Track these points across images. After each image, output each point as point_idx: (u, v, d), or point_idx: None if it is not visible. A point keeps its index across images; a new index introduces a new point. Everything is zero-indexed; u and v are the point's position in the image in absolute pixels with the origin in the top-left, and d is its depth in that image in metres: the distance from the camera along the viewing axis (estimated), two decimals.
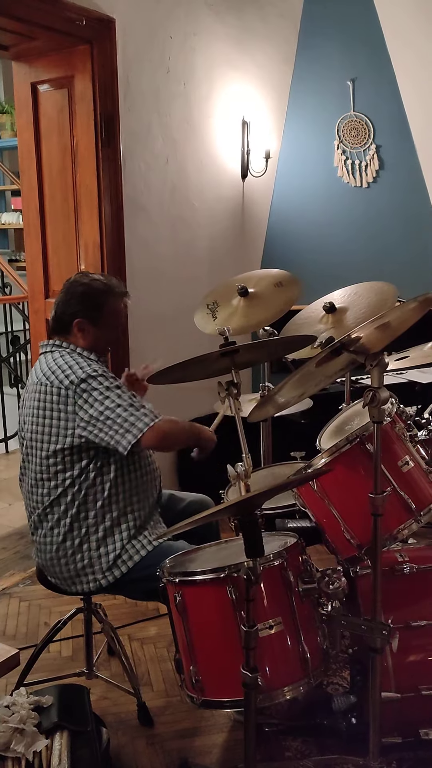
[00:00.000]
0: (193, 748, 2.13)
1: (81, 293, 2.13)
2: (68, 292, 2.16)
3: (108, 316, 2.15)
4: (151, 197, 3.56)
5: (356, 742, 1.93)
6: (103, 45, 3.15)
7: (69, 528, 2.09)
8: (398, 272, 4.05)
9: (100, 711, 2.16)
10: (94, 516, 2.08)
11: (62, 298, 2.16)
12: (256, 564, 1.50)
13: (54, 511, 2.10)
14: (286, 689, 1.66)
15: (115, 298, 2.17)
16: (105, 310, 2.14)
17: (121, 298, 2.19)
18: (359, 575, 1.98)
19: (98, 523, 2.09)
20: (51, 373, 2.05)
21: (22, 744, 1.70)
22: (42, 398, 2.05)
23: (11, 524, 3.78)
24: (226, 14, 3.91)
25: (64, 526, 2.09)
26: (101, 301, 2.14)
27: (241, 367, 1.96)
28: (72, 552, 2.09)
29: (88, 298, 2.13)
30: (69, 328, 2.14)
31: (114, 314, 2.17)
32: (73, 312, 2.12)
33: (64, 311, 2.14)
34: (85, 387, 1.99)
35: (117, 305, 2.18)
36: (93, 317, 2.13)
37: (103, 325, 2.15)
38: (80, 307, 2.12)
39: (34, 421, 2.08)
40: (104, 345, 2.20)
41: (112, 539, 2.08)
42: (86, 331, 2.13)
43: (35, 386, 2.08)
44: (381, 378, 1.68)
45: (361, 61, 4.33)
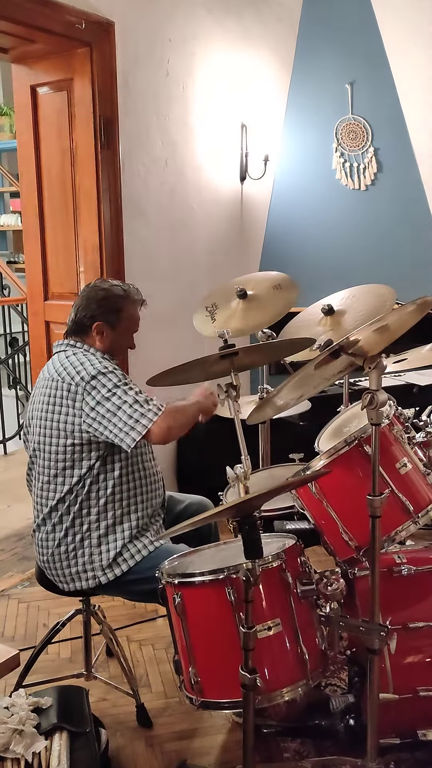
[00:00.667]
0: (192, 749, 2.13)
1: (102, 297, 2.19)
2: (89, 296, 2.21)
3: (125, 321, 2.21)
4: (150, 200, 3.57)
5: (354, 743, 1.94)
6: (102, 48, 3.16)
7: (71, 524, 2.11)
8: (396, 275, 4.07)
9: (99, 712, 2.16)
10: (97, 513, 2.10)
11: (82, 301, 2.21)
12: (254, 565, 1.51)
13: (59, 508, 2.12)
14: (285, 690, 1.67)
15: (134, 305, 2.23)
16: (123, 315, 2.20)
17: (138, 305, 2.25)
18: (357, 577, 1.98)
19: (100, 520, 2.10)
20: (63, 369, 2.10)
21: (21, 745, 1.71)
22: (52, 393, 2.09)
23: (10, 526, 3.78)
24: (225, 18, 3.93)
25: (67, 522, 2.11)
26: (120, 306, 2.20)
27: (241, 370, 1.97)
28: (73, 548, 2.10)
29: (108, 302, 2.18)
30: (88, 330, 2.19)
31: (131, 320, 2.23)
32: (92, 315, 2.18)
33: (85, 314, 2.19)
34: (95, 384, 2.03)
35: (134, 311, 2.24)
36: (111, 321, 2.19)
37: (120, 330, 2.21)
38: (100, 311, 2.18)
39: (43, 416, 2.11)
40: (119, 349, 2.27)
41: (114, 537, 2.10)
42: (104, 335, 2.18)
43: (46, 382, 2.12)
44: (379, 380, 1.69)
45: (360, 65, 4.35)
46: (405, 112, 4.35)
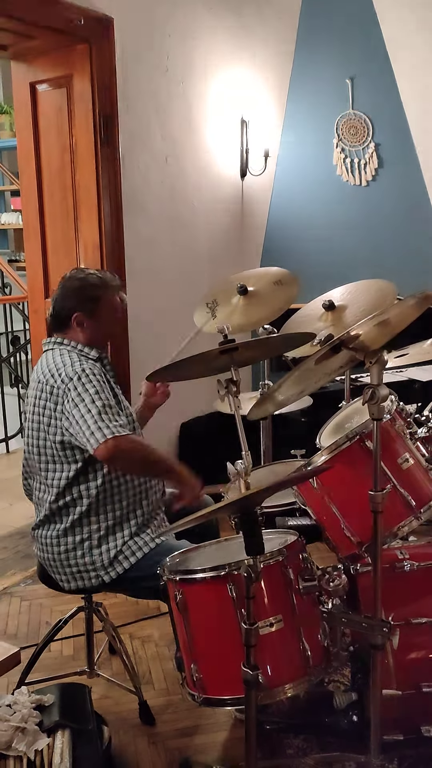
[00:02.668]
0: (195, 746, 2.13)
1: (77, 288, 2.17)
2: (64, 288, 2.19)
3: (104, 309, 2.18)
4: (151, 196, 3.56)
5: (357, 739, 1.93)
6: (101, 44, 3.15)
7: (71, 525, 2.10)
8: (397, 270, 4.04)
9: (101, 710, 2.16)
10: (96, 514, 2.09)
11: (59, 294, 2.19)
12: (256, 562, 1.50)
13: (57, 508, 2.11)
14: (287, 687, 1.66)
15: (111, 291, 2.20)
16: (101, 303, 2.18)
17: (116, 292, 2.22)
18: (359, 573, 1.97)
19: (100, 522, 2.10)
20: (48, 371, 2.09)
21: (24, 743, 1.70)
22: (42, 396, 2.09)
23: (12, 524, 3.78)
24: (224, 13, 3.91)
25: (67, 523, 2.10)
26: (97, 294, 2.17)
27: (241, 365, 1.95)
28: (73, 548, 2.10)
29: (84, 291, 2.16)
30: (68, 323, 2.17)
31: (110, 307, 2.20)
32: (71, 307, 2.16)
33: (63, 306, 2.17)
34: (71, 386, 2.02)
35: (113, 298, 2.21)
36: (90, 310, 2.16)
37: (100, 318, 2.18)
38: (77, 302, 2.16)
39: (34, 419, 2.11)
40: (103, 339, 2.24)
41: (114, 537, 2.09)
42: (85, 325, 2.16)
43: (36, 384, 2.13)
44: (380, 375, 1.69)
45: (360, 60, 4.33)
46: (406, 107, 4.34)
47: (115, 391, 2.16)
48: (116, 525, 2.10)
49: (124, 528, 2.11)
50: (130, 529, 2.11)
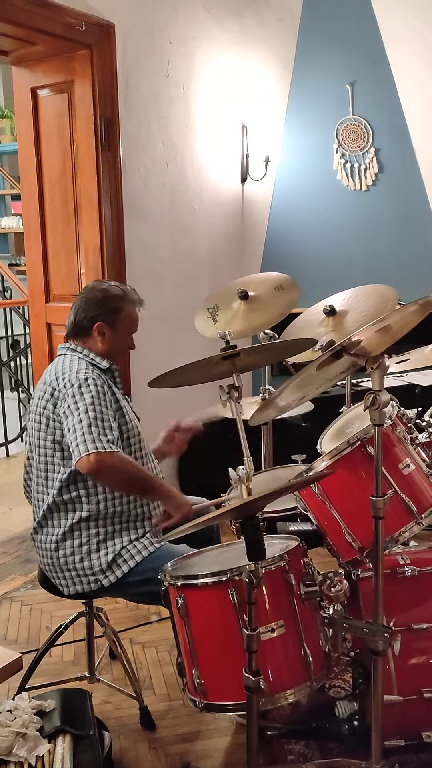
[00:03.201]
0: (196, 752, 2.12)
1: (101, 298, 2.19)
2: (87, 297, 2.21)
3: (125, 321, 2.21)
4: (151, 201, 3.57)
5: (358, 745, 1.93)
6: (102, 50, 3.16)
7: (70, 528, 2.10)
8: (398, 275, 4.06)
9: (102, 715, 2.16)
10: (96, 518, 2.09)
11: (81, 303, 2.21)
12: (258, 567, 1.50)
13: (55, 511, 2.11)
14: (289, 692, 1.66)
15: (132, 305, 2.23)
16: (122, 315, 2.20)
17: (137, 306, 2.25)
18: (361, 578, 1.98)
19: (99, 525, 2.10)
20: (54, 375, 2.12)
21: (25, 748, 1.70)
22: (44, 397, 2.11)
23: (12, 528, 3.78)
24: (225, 19, 3.93)
25: (66, 527, 2.10)
26: (119, 306, 2.20)
27: (243, 371, 1.96)
28: (72, 552, 2.10)
29: (107, 302, 2.19)
30: (89, 332, 2.19)
31: (130, 319, 2.23)
32: (93, 316, 2.18)
33: (85, 315, 2.19)
34: (69, 393, 2.03)
35: (133, 311, 2.23)
36: (112, 321, 2.19)
37: (120, 330, 2.20)
38: (100, 312, 2.18)
39: (36, 419, 2.13)
40: (120, 350, 2.26)
41: (113, 541, 2.09)
42: (106, 335, 2.18)
43: (42, 385, 2.14)
44: (382, 381, 1.69)
45: (360, 65, 4.35)
46: (406, 113, 4.36)
47: (121, 404, 2.15)
48: (115, 530, 2.10)
49: (123, 533, 2.11)
50: (129, 535, 2.11)
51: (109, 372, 2.20)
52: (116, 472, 1.98)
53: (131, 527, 2.13)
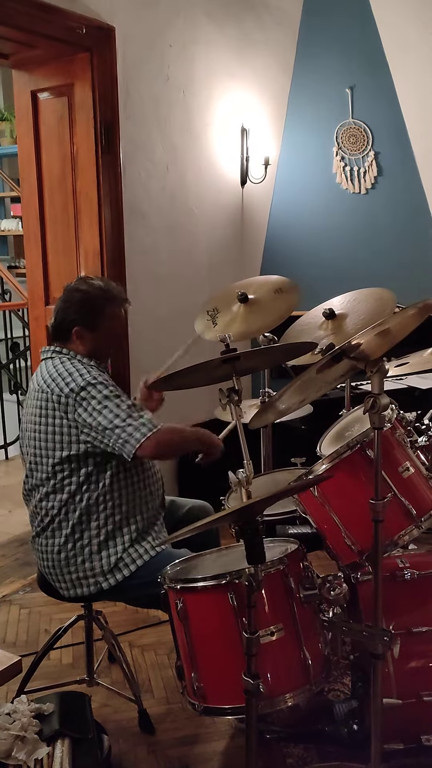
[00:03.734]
0: (194, 755, 2.12)
1: (79, 300, 2.14)
2: (67, 299, 2.17)
3: (108, 322, 2.16)
4: (151, 204, 3.57)
5: (358, 748, 1.93)
6: (103, 53, 3.16)
7: (71, 531, 2.10)
8: (397, 278, 4.07)
9: (101, 718, 2.15)
10: (96, 520, 2.09)
11: (61, 305, 2.17)
12: (257, 570, 1.50)
13: (58, 516, 2.11)
14: (288, 696, 1.65)
15: (115, 304, 2.18)
16: (104, 316, 2.15)
17: (120, 305, 2.20)
18: (360, 581, 1.98)
19: (100, 527, 2.09)
20: (51, 380, 2.07)
21: (24, 751, 1.70)
22: (43, 405, 2.06)
23: (11, 531, 3.78)
24: (225, 23, 3.94)
25: (67, 530, 2.10)
26: (100, 308, 2.15)
27: (242, 374, 1.96)
28: (73, 554, 2.10)
29: (87, 304, 2.14)
30: (68, 335, 2.16)
31: (113, 320, 2.18)
32: (71, 320, 2.14)
33: (64, 318, 2.15)
34: (85, 395, 2.01)
35: (116, 311, 2.18)
36: (91, 325, 2.14)
37: (101, 332, 2.16)
38: (78, 315, 2.13)
39: (37, 428, 2.09)
40: (104, 351, 2.22)
41: (114, 543, 2.09)
42: (85, 339, 2.15)
43: (36, 393, 2.10)
44: (381, 384, 1.69)
45: (360, 69, 4.36)
46: (405, 116, 4.36)
47: None
48: (116, 530, 2.10)
49: (124, 534, 2.11)
50: (131, 535, 2.11)
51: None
52: (173, 442, 2.06)
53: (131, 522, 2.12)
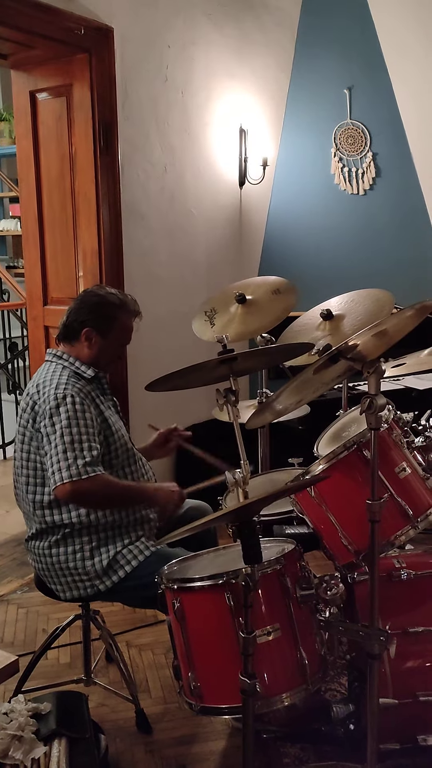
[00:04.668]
0: (192, 754, 2.13)
1: (95, 303, 2.16)
2: (82, 300, 2.18)
3: (117, 331, 2.18)
4: (150, 205, 3.58)
5: (354, 748, 1.93)
6: (101, 54, 3.17)
7: (63, 537, 2.10)
8: (395, 279, 4.08)
9: (98, 718, 2.16)
10: (87, 525, 2.08)
11: (75, 305, 2.18)
12: (254, 570, 1.51)
13: (45, 519, 2.10)
14: (285, 696, 1.66)
15: (128, 315, 2.19)
16: (116, 324, 2.17)
17: (133, 317, 2.21)
18: (357, 581, 1.98)
19: (91, 533, 2.09)
20: (37, 385, 2.09)
21: (21, 751, 1.70)
22: (26, 409, 2.09)
23: (8, 531, 3.78)
24: (224, 23, 3.94)
25: (59, 535, 2.10)
26: (113, 314, 2.16)
27: (239, 374, 1.96)
28: (65, 559, 2.09)
29: (101, 309, 2.15)
30: (77, 335, 2.16)
31: (123, 330, 2.19)
32: (83, 320, 2.15)
33: (75, 318, 2.16)
34: (47, 411, 2.01)
35: (128, 322, 2.20)
36: (102, 329, 2.15)
37: (110, 339, 2.17)
38: (91, 317, 2.14)
39: (21, 431, 2.12)
40: (108, 359, 2.22)
41: (106, 548, 2.09)
42: (93, 341, 2.15)
43: (27, 397, 2.12)
44: (378, 385, 1.69)
45: (358, 70, 4.37)
46: (403, 117, 4.37)
47: (105, 415, 2.12)
48: (108, 537, 2.10)
49: (116, 539, 2.10)
50: (123, 540, 2.11)
51: (95, 380, 2.17)
52: (95, 495, 1.99)
53: (124, 533, 2.13)
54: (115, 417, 2.19)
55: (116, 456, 2.12)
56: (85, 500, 2.01)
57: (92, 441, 2.01)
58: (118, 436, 2.14)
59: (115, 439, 2.12)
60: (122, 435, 2.17)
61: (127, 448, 2.17)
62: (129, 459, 2.17)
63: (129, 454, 2.17)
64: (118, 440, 2.13)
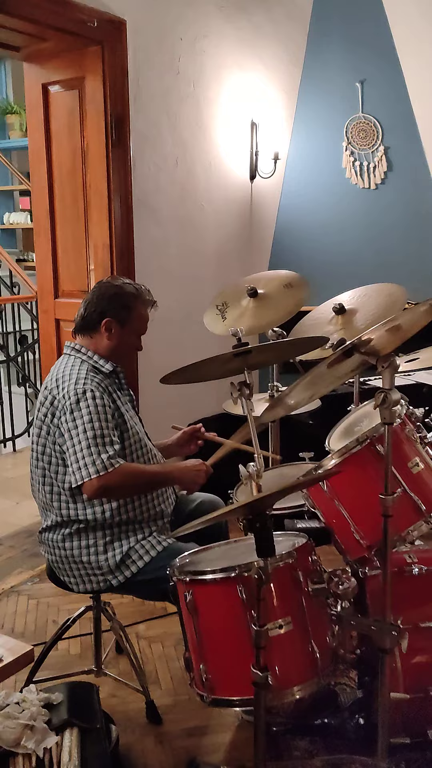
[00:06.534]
0: (202, 746, 2.14)
1: (113, 294, 2.16)
2: (99, 292, 2.17)
3: (135, 321, 2.17)
4: (161, 198, 3.58)
5: (364, 742, 1.94)
6: (113, 46, 3.16)
7: (77, 531, 2.10)
8: (406, 273, 4.06)
9: (108, 709, 2.16)
10: (103, 521, 2.09)
11: (92, 297, 2.18)
12: (267, 564, 1.51)
13: (60, 512, 2.11)
14: (296, 689, 1.66)
15: (144, 305, 2.19)
16: (133, 314, 2.16)
17: (149, 306, 2.21)
18: (368, 576, 1.98)
19: (105, 528, 2.10)
20: (56, 380, 2.09)
21: (33, 740, 1.71)
22: (45, 403, 2.09)
23: (19, 522, 3.80)
24: (235, 16, 3.93)
25: (73, 529, 2.11)
26: (131, 304, 2.16)
27: (253, 368, 1.97)
28: (79, 553, 2.10)
29: (119, 299, 2.15)
30: (96, 326, 2.15)
31: (140, 320, 2.19)
32: (102, 311, 2.14)
33: (95, 309, 2.16)
34: (67, 407, 2.01)
35: (144, 312, 2.20)
36: (121, 318, 2.15)
37: (129, 329, 2.17)
38: (110, 307, 2.14)
39: (38, 424, 2.11)
40: (126, 350, 2.22)
41: (120, 543, 2.09)
42: (113, 332, 2.15)
43: (45, 391, 2.12)
44: (392, 380, 1.69)
45: (370, 63, 4.34)
46: (415, 111, 4.35)
47: (122, 410, 2.12)
48: (121, 532, 2.11)
49: (130, 535, 2.11)
50: (136, 534, 2.12)
51: (113, 374, 2.18)
52: (122, 486, 2.00)
53: (138, 528, 2.13)
54: (131, 413, 2.19)
55: (131, 452, 2.12)
56: (114, 492, 2.01)
57: (113, 435, 2.02)
58: (134, 432, 2.14)
59: (130, 435, 2.12)
60: (137, 431, 2.17)
61: (141, 445, 2.17)
62: (143, 456, 2.17)
63: (144, 451, 2.17)
64: (132, 436, 2.13)
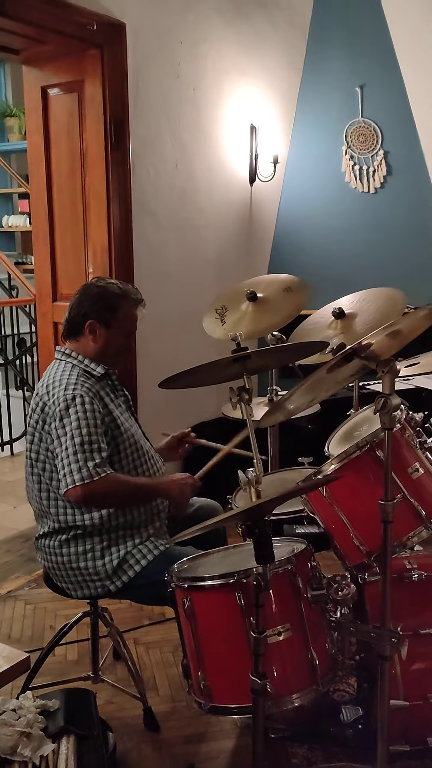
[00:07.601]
0: (200, 753, 2.12)
1: (95, 294, 2.13)
2: (83, 293, 2.15)
3: (121, 321, 2.14)
4: (160, 201, 3.57)
5: (363, 749, 1.92)
6: (113, 50, 3.16)
7: (73, 537, 2.09)
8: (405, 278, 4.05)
9: (105, 715, 2.15)
10: (101, 526, 2.07)
11: (76, 299, 2.16)
12: (265, 570, 1.50)
13: (58, 518, 2.10)
14: (295, 696, 1.65)
15: (130, 304, 2.16)
16: (119, 314, 2.13)
17: (136, 305, 2.18)
18: (367, 582, 1.97)
19: (102, 532, 2.08)
20: (47, 386, 2.07)
21: (29, 748, 1.70)
22: (36, 410, 2.08)
23: (16, 527, 3.78)
24: (235, 20, 3.92)
25: (69, 535, 2.09)
26: (116, 304, 2.13)
27: (253, 373, 1.96)
28: (76, 558, 2.08)
29: (103, 299, 2.12)
30: (81, 329, 2.13)
31: (127, 319, 2.16)
32: (85, 313, 2.12)
33: (78, 312, 2.14)
34: (57, 413, 1.99)
35: (131, 311, 2.17)
36: (106, 320, 2.12)
37: (115, 330, 2.14)
38: (93, 309, 2.12)
39: (31, 431, 2.10)
40: (114, 351, 2.18)
41: (117, 548, 2.08)
42: (97, 334, 2.13)
43: (37, 397, 2.10)
44: (392, 385, 1.68)
45: (370, 68, 4.34)
46: (415, 116, 4.34)
47: (114, 414, 2.10)
48: (119, 536, 2.09)
49: (127, 539, 2.09)
50: (133, 539, 2.10)
51: (105, 378, 2.16)
52: (106, 496, 1.98)
53: (135, 532, 2.11)
54: (125, 415, 2.17)
55: (125, 456, 2.11)
56: (98, 501, 2.00)
57: (102, 442, 2.00)
58: (128, 435, 2.12)
59: (124, 439, 2.10)
60: (132, 434, 2.15)
61: (136, 448, 2.15)
62: (139, 459, 2.15)
63: (139, 453, 2.15)
64: (127, 440, 2.11)
